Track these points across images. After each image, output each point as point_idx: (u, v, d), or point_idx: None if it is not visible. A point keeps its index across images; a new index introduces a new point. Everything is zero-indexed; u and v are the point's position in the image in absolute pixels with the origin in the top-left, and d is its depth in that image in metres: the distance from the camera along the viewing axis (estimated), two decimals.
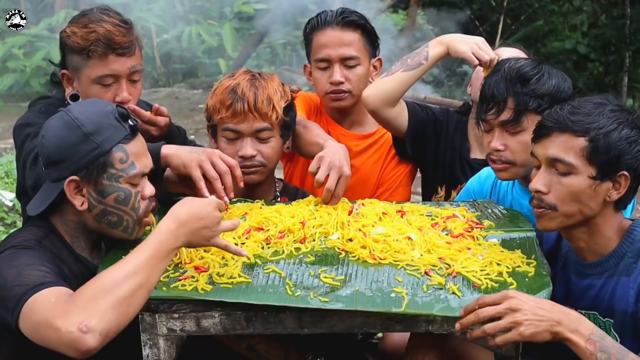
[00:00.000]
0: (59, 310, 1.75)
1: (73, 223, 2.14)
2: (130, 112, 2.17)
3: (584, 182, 2.04)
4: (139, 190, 2.11)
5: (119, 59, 2.51)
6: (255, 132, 2.55)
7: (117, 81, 2.53)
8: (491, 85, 2.42)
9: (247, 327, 2.00)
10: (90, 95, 2.53)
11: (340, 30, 2.99)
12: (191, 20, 10.01)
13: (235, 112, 2.52)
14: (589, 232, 2.11)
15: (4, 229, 5.03)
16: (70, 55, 2.56)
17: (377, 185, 3.12)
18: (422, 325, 1.99)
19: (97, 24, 2.50)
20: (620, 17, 8.91)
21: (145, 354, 2.01)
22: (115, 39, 2.48)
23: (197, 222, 1.94)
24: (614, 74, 9.18)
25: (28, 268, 1.90)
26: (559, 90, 2.38)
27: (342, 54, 2.98)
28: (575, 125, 2.04)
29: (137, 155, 2.09)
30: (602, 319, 2.11)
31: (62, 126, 2.04)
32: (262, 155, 2.57)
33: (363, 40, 3.02)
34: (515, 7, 9.79)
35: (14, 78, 9.34)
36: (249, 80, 2.57)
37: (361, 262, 2.12)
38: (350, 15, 3.02)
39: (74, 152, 2.02)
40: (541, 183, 2.10)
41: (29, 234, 2.08)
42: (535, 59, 2.51)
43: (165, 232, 1.90)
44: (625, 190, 2.05)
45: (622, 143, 2.01)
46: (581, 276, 2.17)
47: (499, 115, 2.41)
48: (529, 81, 2.38)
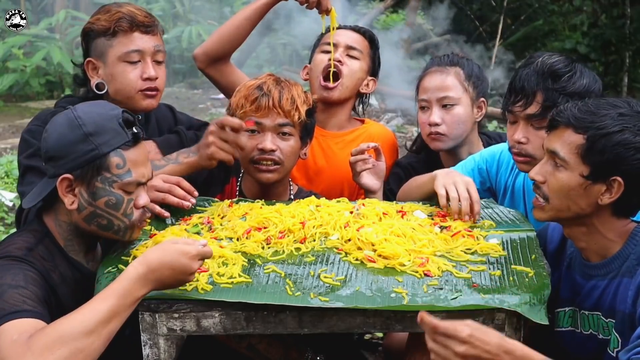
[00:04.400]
0: (15, 353, 1.72)
1: (66, 224, 2.13)
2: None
3: (574, 179, 2.04)
4: (132, 198, 2.09)
5: (144, 36, 2.58)
6: (278, 126, 2.59)
7: (142, 59, 2.58)
8: (522, 78, 2.41)
9: (247, 327, 2.00)
10: (117, 76, 2.57)
11: (353, 31, 3.14)
12: (191, 20, 10.01)
13: (259, 106, 2.58)
14: (587, 232, 2.11)
15: (4, 229, 5.04)
16: (94, 42, 2.61)
17: None
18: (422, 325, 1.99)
19: (120, 7, 2.60)
20: (620, 17, 8.90)
21: (145, 353, 2.01)
22: (139, 18, 2.58)
23: (167, 271, 1.88)
24: (614, 74, 9.16)
25: (10, 290, 1.87)
26: (588, 90, 2.37)
27: (349, 42, 3.10)
28: (578, 122, 2.03)
29: (135, 163, 2.08)
30: (605, 319, 2.10)
31: (65, 123, 2.04)
32: (281, 152, 2.60)
33: (369, 49, 3.16)
34: (515, 7, 9.78)
35: (14, 78, 9.33)
36: (274, 80, 2.65)
37: (359, 263, 2.13)
38: (364, 28, 3.20)
39: (72, 151, 2.02)
40: (539, 172, 2.13)
41: (21, 241, 2.06)
42: (568, 57, 2.48)
43: (133, 278, 1.85)
44: (617, 197, 2.02)
45: (619, 148, 1.99)
46: (586, 277, 2.17)
47: (526, 108, 2.40)
48: (561, 78, 2.37)
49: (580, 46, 9.10)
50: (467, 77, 2.97)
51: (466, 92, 2.96)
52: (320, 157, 3.10)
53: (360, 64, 3.10)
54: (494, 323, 1.97)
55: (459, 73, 2.97)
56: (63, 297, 2.05)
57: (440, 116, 2.93)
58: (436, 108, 2.94)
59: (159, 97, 2.67)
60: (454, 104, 2.94)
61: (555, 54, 2.49)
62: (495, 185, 2.78)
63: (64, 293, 2.05)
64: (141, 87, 2.59)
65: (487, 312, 1.97)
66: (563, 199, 2.07)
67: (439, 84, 2.95)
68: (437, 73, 2.98)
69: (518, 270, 2.12)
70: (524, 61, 2.53)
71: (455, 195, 2.35)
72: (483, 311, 1.97)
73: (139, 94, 2.59)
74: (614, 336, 2.06)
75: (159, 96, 2.66)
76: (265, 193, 2.65)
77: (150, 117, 2.80)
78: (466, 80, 2.97)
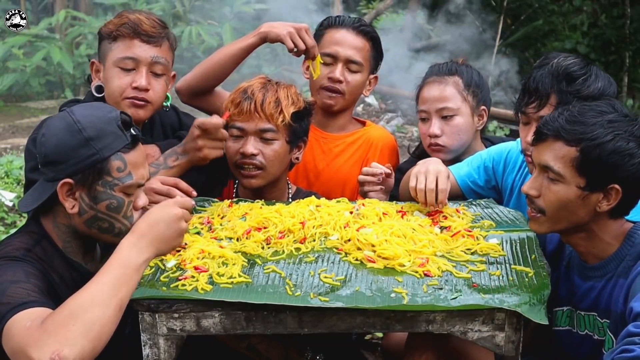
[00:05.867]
0: (32, 338, 1.72)
1: (64, 226, 2.12)
2: None
3: (571, 192, 2.03)
4: (132, 200, 2.09)
5: (143, 45, 2.55)
6: (259, 131, 2.58)
7: (137, 68, 2.55)
8: (536, 79, 2.39)
9: (247, 327, 2.00)
10: (109, 80, 2.56)
11: (355, 34, 3.06)
12: (191, 20, 10.01)
13: (241, 110, 2.58)
14: (587, 237, 2.11)
15: (4, 229, 5.04)
16: (101, 44, 2.61)
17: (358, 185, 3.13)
18: (422, 325, 1.99)
19: (131, 14, 2.59)
20: (620, 17, 8.89)
21: (145, 353, 2.01)
22: (143, 26, 2.54)
23: (156, 228, 1.90)
24: (614, 74, 9.12)
25: (12, 285, 1.87)
26: (603, 94, 2.34)
27: (350, 55, 3.02)
28: (569, 134, 2.01)
29: (135, 165, 2.07)
30: (600, 320, 2.10)
31: (63, 127, 2.02)
32: (264, 156, 2.58)
33: (371, 52, 3.09)
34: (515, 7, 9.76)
35: (14, 78, 9.33)
36: (262, 83, 2.64)
37: (359, 263, 2.13)
38: (366, 26, 3.11)
39: (72, 156, 2.00)
40: (533, 187, 2.11)
41: (19, 242, 2.06)
42: (583, 59, 2.45)
43: (127, 247, 1.86)
44: (616, 202, 2.03)
45: (614, 156, 1.98)
46: (584, 278, 2.17)
47: (540, 110, 2.38)
48: (576, 80, 2.34)
49: (580, 46, 9.09)
50: (466, 86, 2.95)
51: (465, 102, 2.94)
52: (321, 160, 3.09)
53: (361, 76, 3.06)
54: (494, 323, 1.98)
55: (457, 82, 2.95)
56: (63, 297, 2.04)
57: (439, 127, 2.92)
58: (435, 119, 2.93)
59: (149, 109, 2.60)
60: (454, 114, 2.92)
61: (571, 55, 2.45)
62: (502, 184, 2.77)
63: (63, 293, 2.05)
64: (128, 94, 2.54)
65: (487, 312, 1.97)
66: (561, 211, 2.06)
67: (438, 95, 2.94)
68: (435, 83, 2.96)
69: (518, 270, 2.12)
70: (538, 62, 2.49)
71: (421, 186, 2.37)
72: (483, 311, 1.97)
73: (125, 101, 2.54)
74: (609, 336, 2.06)
75: (148, 108, 2.59)
76: (259, 196, 2.64)
77: (154, 119, 2.79)
78: (465, 90, 2.95)
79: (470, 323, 1.98)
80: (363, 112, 8.49)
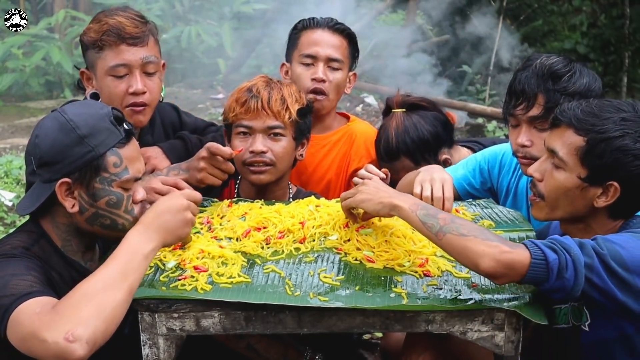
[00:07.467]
0: (44, 321, 1.72)
1: (64, 225, 2.12)
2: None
3: (571, 180, 2.04)
4: (131, 194, 2.09)
5: (131, 48, 2.52)
6: (267, 129, 2.60)
7: (130, 72, 2.54)
8: (522, 80, 2.40)
9: (247, 326, 2.00)
10: (104, 89, 2.54)
11: (331, 33, 3.09)
12: (190, 20, 10.00)
13: (248, 108, 2.59)
14: (584, 229, 2.12)
15: (4, 229, 5.04)
16: (87, 53, 2.59)
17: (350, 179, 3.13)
18: (422, 325, 1.99)
19: (110, 17, 2.54)
20: (620, 17, 8.90)
21: (145, 353, 2.01)
22: (126, 29, 2.51)
23: (162, 218, 1.96)
24: (613, 74, 9.16)
25: (14, 278, 1.87)
26: (589, 89, 2.37)
27: (330, 54, 3.05)
28: (580, 123, 2.03)
29: (131, 159, 2.08)
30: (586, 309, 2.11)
31: (57, 127, 2.01)
32: (273, 153, 2.61)
33: (349, 49, 3.12)
34: (515, 7, 9.77)
35: (13, 78, 9.31)
36: (265, 82, 2.66)
37: (359, 263, 2.13)
38: (341, 24, 3.13)
39: (68, 155, 2.00)
40: (537, 170, 2.13)
41: (17, 241, 2.05)
42: (566, 57, 2.48)
43: (134, 236, 1.90)
44: (613, 201, 2.03)
45: (618, 153, 1.98)
46: None
47: (528, 111, 2.39)
48: (561, 78, 2.37)
49: (580, 46, 9.10)
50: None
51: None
52: (310, 163, 3.10)
53: (342, 73, 3.09)
54: (494, 323, 1.98)
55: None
56: (62, 295, 2.04)
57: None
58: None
59: (149, 111, 2.60)
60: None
61: (553, 54, 2.49)
62: (497, 186, 2.77)
63: (62, 291, 2.04)
64: (127, 102, 2.54)
65: (487, 312, 1.97)
66: (560, 198, 2.08)
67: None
68: None
69: None
70: (521, 64, 2.52)
71: (427, 194, 2.35)
72: (482, 311, 1.97)
73: (126, 110, 2.53)
74: (585, 312, 2.07)
75: (147, 111, 2.60)
76: (262, 196, 2.65)
77: (155, 118, 2.79)
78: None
79: (470, 323, 1.98)
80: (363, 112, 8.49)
